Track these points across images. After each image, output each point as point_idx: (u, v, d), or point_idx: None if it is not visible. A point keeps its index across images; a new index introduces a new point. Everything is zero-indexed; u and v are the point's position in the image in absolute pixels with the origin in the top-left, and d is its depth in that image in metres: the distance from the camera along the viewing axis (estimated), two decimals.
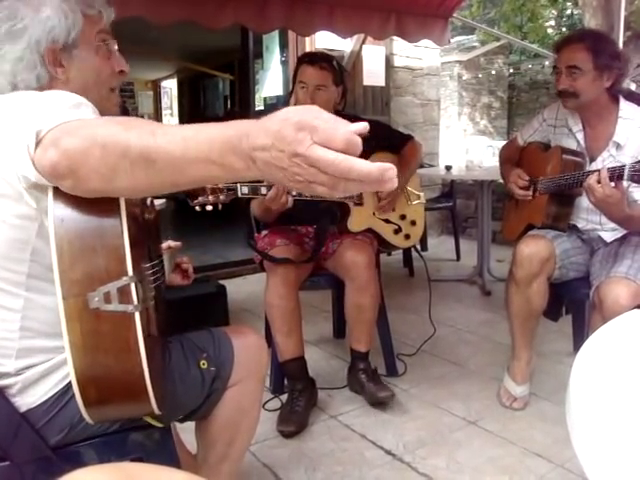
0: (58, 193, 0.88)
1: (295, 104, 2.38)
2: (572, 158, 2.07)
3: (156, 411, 0.98)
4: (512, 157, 2.41)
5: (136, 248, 0.93)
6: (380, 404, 2.19)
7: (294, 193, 2.04)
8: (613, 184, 1.77)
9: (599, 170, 1.81)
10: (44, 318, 0.98)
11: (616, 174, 1.77)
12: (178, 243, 1.41)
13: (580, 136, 2.12)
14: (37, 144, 0.82)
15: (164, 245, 1.35)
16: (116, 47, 1.15)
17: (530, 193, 2.22)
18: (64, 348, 0.99)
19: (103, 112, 0.96)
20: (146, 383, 0.93)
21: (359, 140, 0.66)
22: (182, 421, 1.29)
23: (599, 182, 1.78)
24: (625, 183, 1.80)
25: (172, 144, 0.75)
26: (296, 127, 0.65)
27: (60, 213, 0.89)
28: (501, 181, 2.74)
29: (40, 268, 0.96)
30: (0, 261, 0.95)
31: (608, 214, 1.90)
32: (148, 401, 0.95)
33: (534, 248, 2.02)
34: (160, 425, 1.11)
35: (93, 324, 0.89)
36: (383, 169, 0.65)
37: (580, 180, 1.95)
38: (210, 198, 1.76)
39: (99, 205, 0.89)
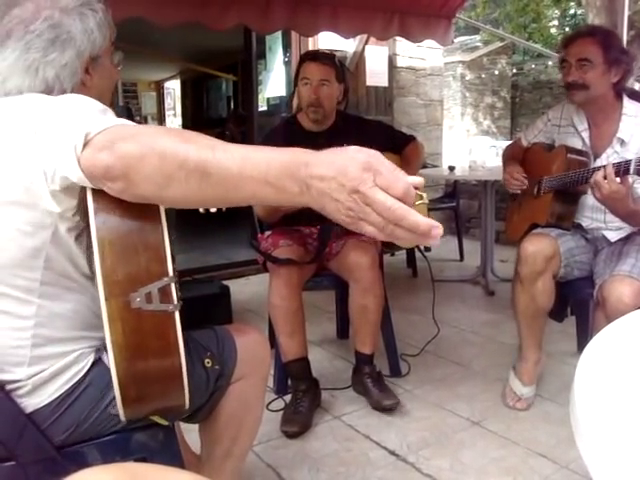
0: (98, 196, 0.89)
1: (298, 103, 2.38)
2: (577, 157, 2.07)
3: (187, 405, 1.01)
4: (516, 157, 2.41)
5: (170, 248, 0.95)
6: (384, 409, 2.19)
7: None
8: (619, 179, 1.77)
9: (604, 166, 1.81)
10: (56, 324, 0.99)
11: (622, 169, 1.77)
12: None
13: (585, 135, 2.12)
14: (85, 145, 0.84)
15: None
16: (121, 56, 1.21)
17: (526, 182, 2.23)
18: (75, 351, 1.00)
19: None
20: (183, 378, 0.96)
21: (414, 192, 0.72)
22: (186, 421, 1.30)
23: (605, 178, 1.78)
24: (630, 178, 1.80)
25: (230, 160, 0.78)
26: (363, 167, 0.70)
27: (102, 215, 0.90)
28: None
29: (53, 274, 0.97)
30: (13, 269, 0.95)
31: (613, 210, 1.90)
32: (182, 396, 0.98)
33: (538, 246, 2.02)
34: (166, 423, 1.12)
35: (135, 324, 0.91)
36: (431, 225, 0.70)
37: (585, 177, 1.95)
38: None
39: (139, 206, 0.90)
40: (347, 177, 0.70)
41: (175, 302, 0.93)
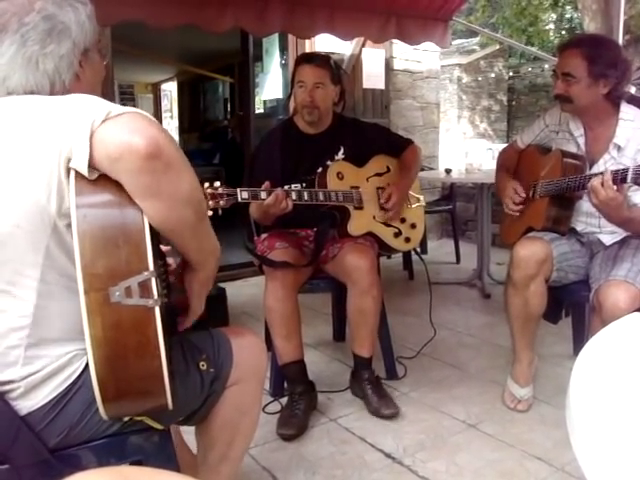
0: (80, 189, 0.90)
1: (295, 106, 2.38)
2: (572, 161, 2.07)
3: (170, 405, 0.99)
4: (510, 162, 2.40)
5: (152, 243, 0.94)
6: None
7: (294, 197, 2.03)
8: (615, 187, 1.76)
9: (602, 172, 1.81)
10: (52, 324, 0.98)
11: (619, 177, 1.76)
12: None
13: (581, 140, 2.11)
14: (104, 120, 0.89)
15: None
16: (107, 51, 1.20)
17: (520, 207, 2.22)
18: (69, 352, 1.00)
19: None
20: (164, 376, 0.95)
21: None
22: (181, 424, 1.29)
23: (602, 184, 1.77)
24: (626, 186, 1.80)
25: None
26: None
27: (83, 209, 0.90)
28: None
29: (53, 273, 0.96)
30: (13, 266, 0.95)
31: (608, 216, 1.90)
32: (164, 395, 0.97)
33: (530, 250, 2.02)
34: (160, 427, 1.11)
35: (114, 318, 0.91)
36: None
37: (582, 183, 1.94)
38: (210, 203, 1.75)
39: (120, 201, 0.90)
40: None
41: (155, 297, 0.92)
